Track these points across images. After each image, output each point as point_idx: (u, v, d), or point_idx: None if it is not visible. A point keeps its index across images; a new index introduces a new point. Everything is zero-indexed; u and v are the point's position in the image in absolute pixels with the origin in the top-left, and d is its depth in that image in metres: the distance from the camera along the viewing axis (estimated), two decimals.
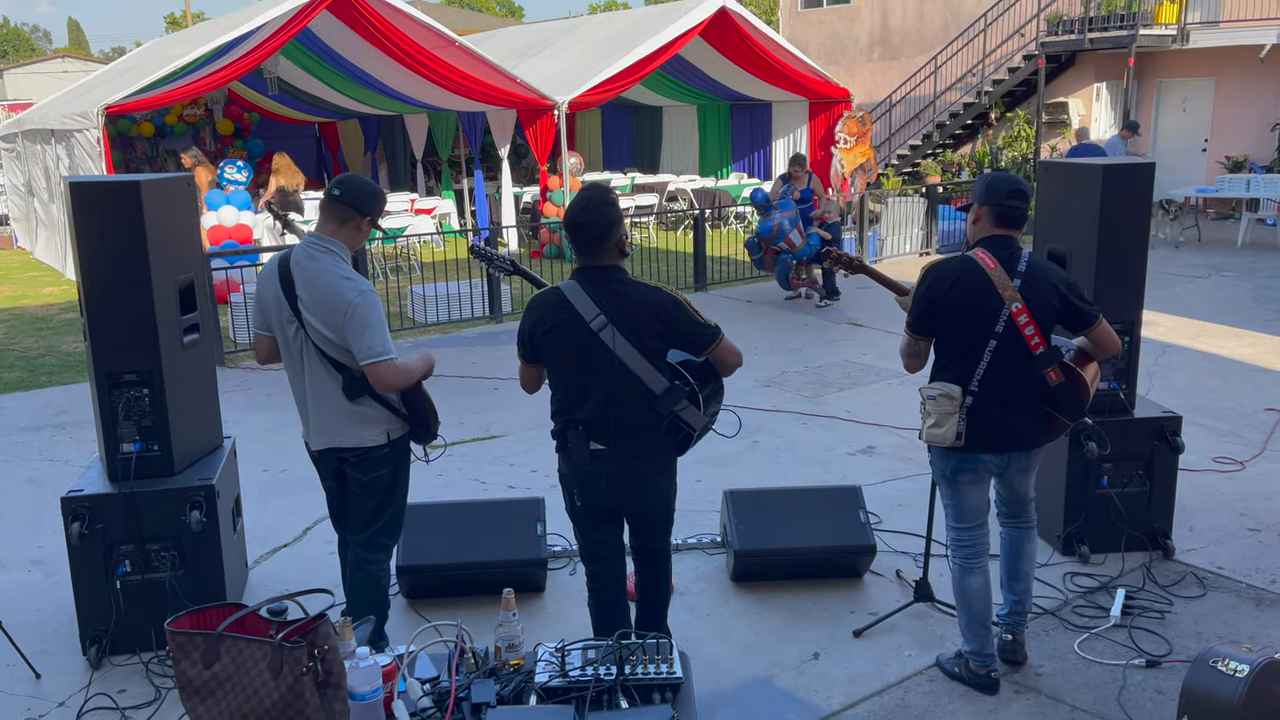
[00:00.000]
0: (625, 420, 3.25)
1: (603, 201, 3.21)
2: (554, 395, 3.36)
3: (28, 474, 6.28)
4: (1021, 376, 3.54)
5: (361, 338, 3.36)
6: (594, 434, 3.26)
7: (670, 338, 3.27)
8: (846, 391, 7.58)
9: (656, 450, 3.36)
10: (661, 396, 3.25)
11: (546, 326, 3.24)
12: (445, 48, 13.69)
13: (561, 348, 3.25)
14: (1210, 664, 2.91)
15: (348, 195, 3.46)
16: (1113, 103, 18.32)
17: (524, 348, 3.35)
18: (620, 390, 3.22)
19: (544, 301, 3.28)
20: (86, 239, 3.93)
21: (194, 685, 2.26)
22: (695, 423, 3.35)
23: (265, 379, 8.31)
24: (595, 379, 3.22)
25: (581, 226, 3.19)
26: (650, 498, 3.42)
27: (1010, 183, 3.54)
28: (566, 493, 3.45)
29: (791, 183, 10.32)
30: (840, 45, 22.24)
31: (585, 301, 3.18)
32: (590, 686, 2.49)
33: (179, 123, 19.16)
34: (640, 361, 3.21)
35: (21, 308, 11.86)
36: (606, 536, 3.49)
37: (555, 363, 3.30)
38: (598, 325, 3.17)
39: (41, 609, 4.49)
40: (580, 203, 3.21)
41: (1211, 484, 5.60)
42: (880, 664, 3.93)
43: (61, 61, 44.63)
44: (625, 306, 3.20)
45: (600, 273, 3.23)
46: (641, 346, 3.20)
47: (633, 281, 3.27)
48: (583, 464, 3.29)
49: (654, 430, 3.30)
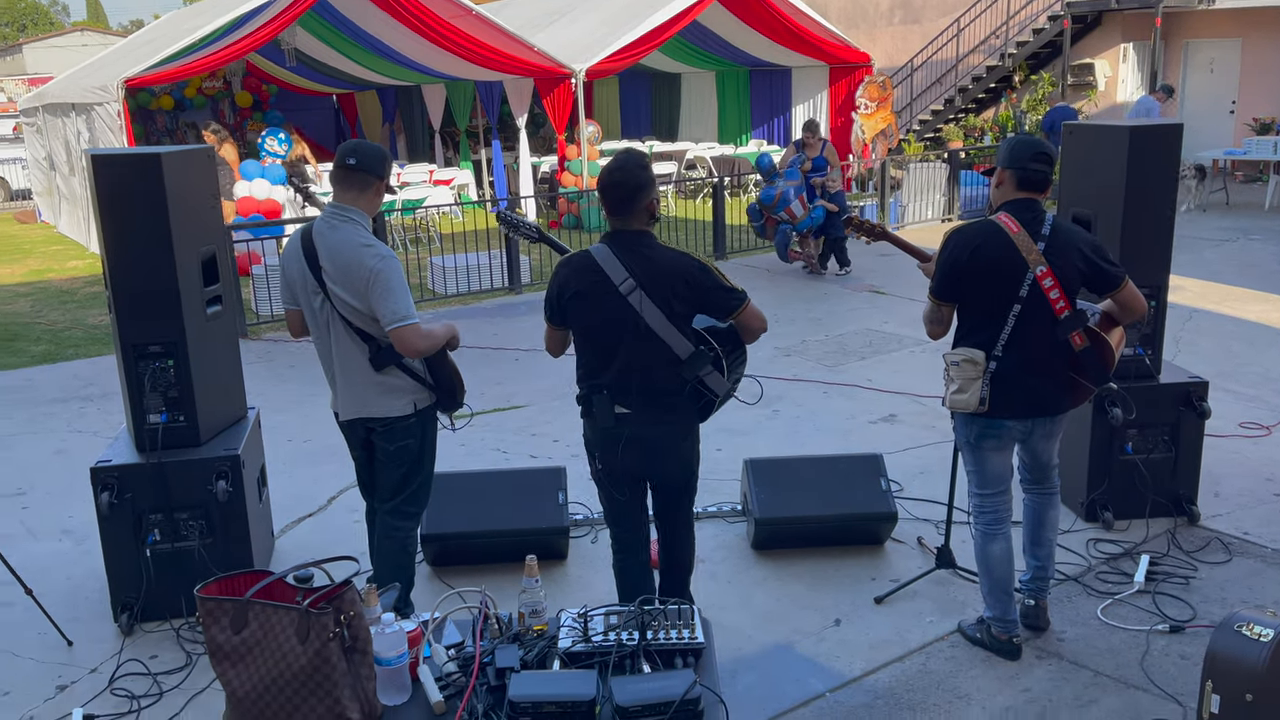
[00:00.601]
0: (650, 384, 3.27)
1: (636, 164, 3.24)
2: (579, 359, 3.38)
3: (56, 445, 6.37)
4: (1046, 341, 3.51)
5: (385, 302, 3.38)
6: (618, 398, 3.29)
7: (697, 302, 3.27)
8: (868, 360, 7.54)
9: (680, 415, 3.36)
10: (687, 361, 3.27)
11: (575, 289, 3.27)
12: (462, 17, 13.61)
13: (589, 310, 3.27)
14: (1235, 629, 2.90)
15: (363, 162, 3.47)
16: (1140, 64, 18.01)
17: (551, 310, 3.37)
18: (646, 354, 3.24)
19: (573, 264, 3.30)
20: (109, 212, 3.95)
21: (224, 650, 2.30)
22: (718, 389, 3.36)
23: (288, 350, 8.37)
24: (621, 342, 3.24)
25: (614, 186, 3.22)
26: (672, 463, 3.44)
27: (1034, 146, 3.50)
28: (590, 456, 3.47)
29: (804, 151, 10.08)
30: (861, 9, 21.92)
31: (614, 265, 3.20)
32: (613, 651, 2.51)
33: (198, 95, 19.18)
34: (666, 326, 3.22)
35: (47, 281, 11.97)
36: (630, 500, 3.50)
37: (582, 326, 3.33)
38: (626, 289, 3.19)
39: (72, 577, 4.57)
40: (614, 164, 3.24)
41: (1238, 449, 5.55)
42: (901, 630, 3.94)
43: (81, 35, 44.73)
44: (654, 270, 3.21)
45: (630, 237, 3.25)
46: (668, 311, 3.22)
47: (661, 246, 3.28)
48: (607, 428, 3.31)
49: (678, 395, 3.31)
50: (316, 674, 2.24)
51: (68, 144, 14.24)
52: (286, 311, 3.71)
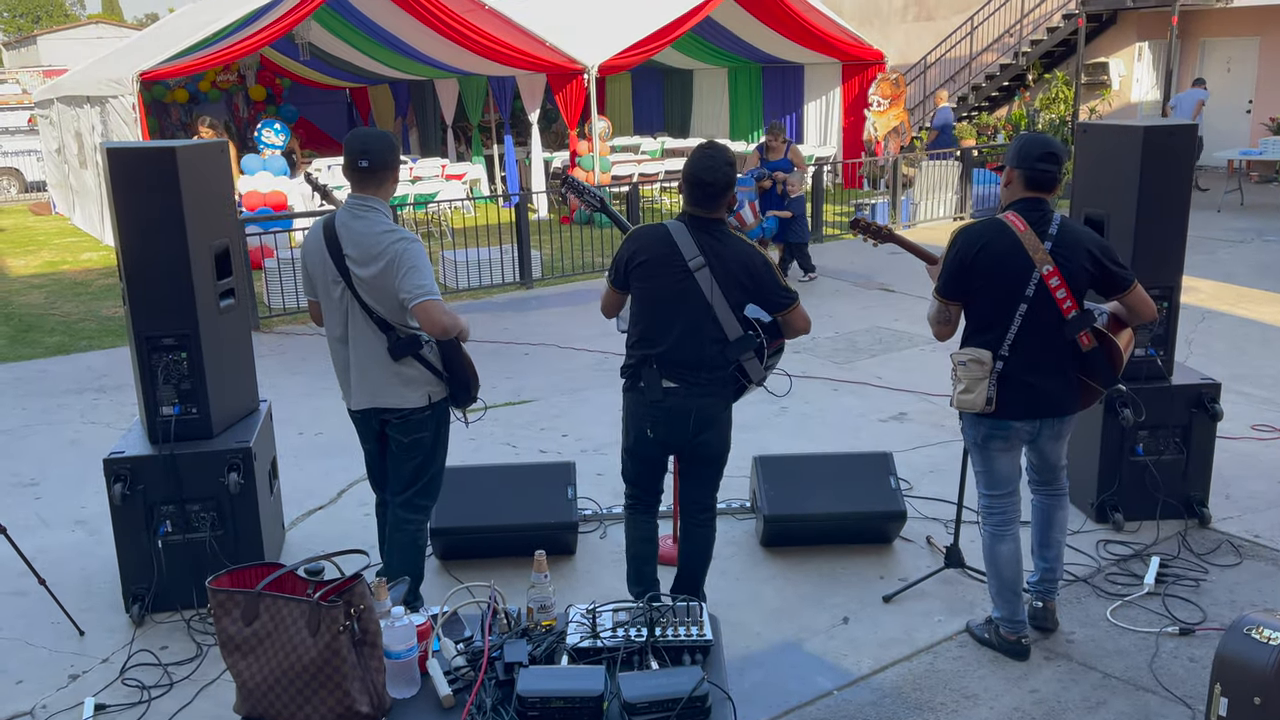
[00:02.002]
0: (698, 359, 3.44)
1: (725, 161, 3.42)
2: (634, 328, 3.53)
3: (70, 436, 6.41)
4: (1053, 341, 3.50)
5: (410, 278, 3.44)
6: (667, 371, 3.45)
7: (754, 292, 3.48)
8: (878, 357, 7.53)
9: (722, 391, 3.54)
10: (734, 343, 3.47)
11: (645, 257, 3.45)
12: (475, 11, 13.62)
13: (654, 279, 3.44)
14: (1244, 632, 2.89)
15: (377, 160, 3.51)
16: (1155, 63, 17.90)
17: (616, 273, 3.56)
18: (701, 329, 3.43)
19: (648, 234, 3.50)
20: (124, 205, 3.97)
21: (234, 642, 2.32)
22: (755, 375, 3.59)
23: (300, 344, 8.40)
24: (678, 315, 3.42)
25: (705, 185, 3.41)
26: (713, 433, 3.56)
27: (1043, 145, 3.48)
28: (632, 429, 3.59)
29: (767, 154, 9.60)
30: (874, 6, 21.85)
31: (688, 241, 3.40)
32: (621, 648, 2.52)
33: (212, 89, 19.26)
34: (724, 306, 3.42)
35: (61, 273, 12.04)
36: (657, 476, 3.71)
37: (644, 293, 3.48)
38: (695, 265, 3.38)
39: (85, 568, 4.60)
40: (705, 161, 3.41)
41: (1250, 452, 5.53)
42: (910, 629, 3.94)
43: (96, 28, 44.88)
44: (723, 254, 3.42)
45: (707, 222, 3.45)
46: (728, 294, 3.42)
47: (733, 235, 3.48)
48: (656, 400, 3.46)
49: (722, 371, 3.51)
50: (326, 666, 2.25)
51: (80, 136, 14.30)
52: (309, 302, 3.77)
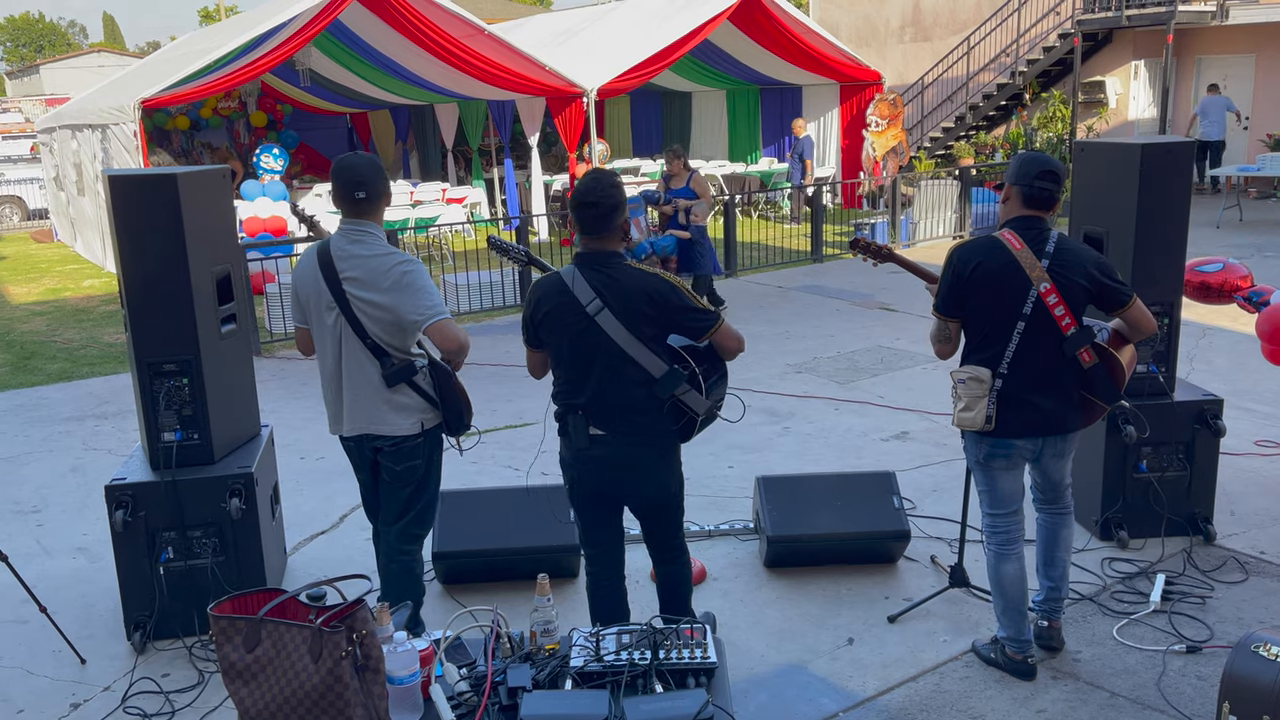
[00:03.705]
0: (624, 405, 3.28)
1: (609, 184, 3.26)
2: (555, 380, 3.42)
3: (71, 463, 6.40)
4: (1053, 359, 3.50)
5: (419, 300, 3.44)
6: (593, 419, 3.30)
7: (665, 323, 3.28)
8: (879, 377, 7.53)
9: (656, 436, 3.35)
10: (661, 381, 3.26)
11: (545, 309, 3.30)
12: (475, 36, 13.72)
13: (560, 331, 3.29)
14: (1251, 649, 2.88)
15: (373, 191, 3.52)
16: (1151, 81, 17.99)
17: (527, 332, 3.42)
18: (618, 374, 3.25)
19: (544, 285, 3.34)
20: (125, 232, 3.99)
21: (236, 669, 2.30)
22: (698, 407, 3.34)
23: (301, 369, 8.40)
24: (593, 363, 3.26)
25: (589, 206, 3.23)
26: (649, 486, 3.42)
27: (1041, 164, 3.50)
28: (566, 477, 3.49)
29: (669, 181, 8.98)
30: (871, 27, 22.00)
31: (582, 285, 3.23)
32: (625, 671, 2.50)
33: (214, 116, 19.38)
34: (636, 345, 3.23)
35: (63, 300, 12.06)
36: (604, 522, 3.52)
37: (555, 346, 3.35)
38: (594, 309, 3.21)
39: (86, 595, 4.59)
40: (587, 183, 3.27)
41: (1254, 468, 5.51)
42: (915, 649, 3.92)
43: (98, 56, 45.24)
44: (620, 290, 3.23)
45: (599, 258, 3.28)
46: (636, 331, 3.23)
47: (630, 267, 3.29)
48: (581, 449, 3.33)
49: (654, 414, 3.31)
50: (329, 693, 2.24)
51: (79, 165, 14.37)
52: (298, 330, 3.73)
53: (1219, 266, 5.05)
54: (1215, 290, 5.06)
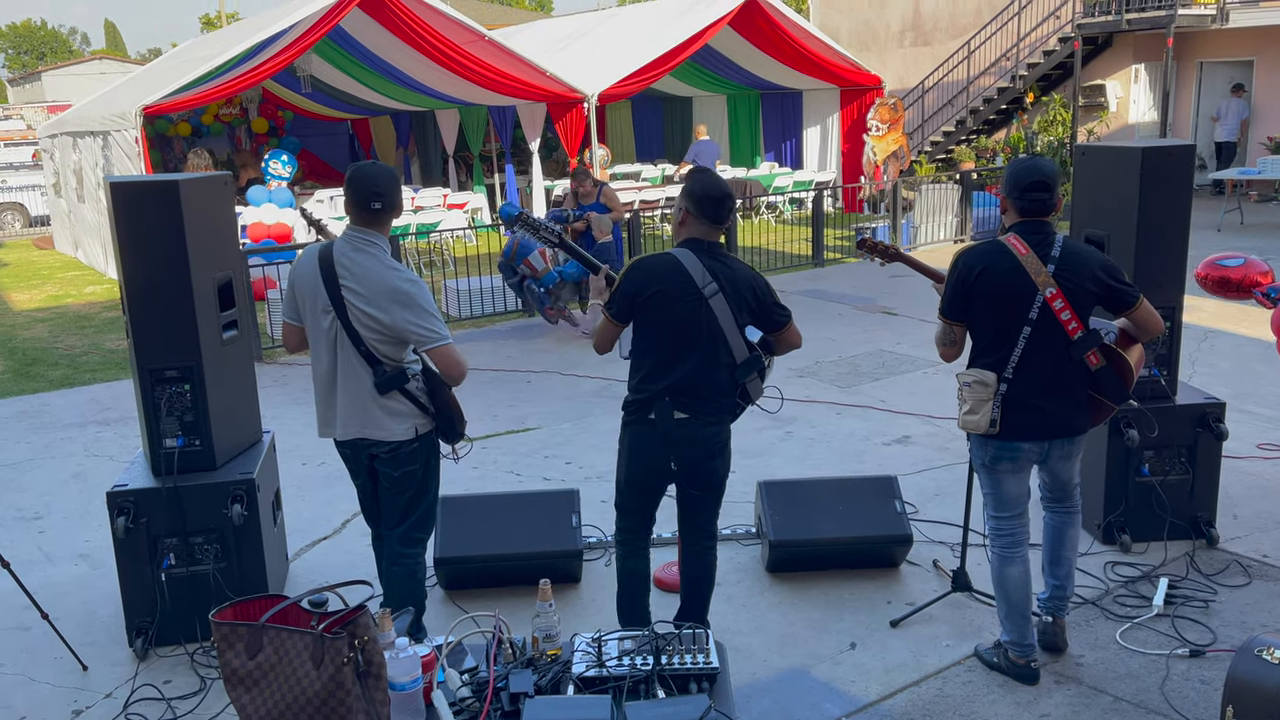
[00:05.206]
0: (711, 386, 3.45)
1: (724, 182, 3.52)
2: (642, 362, 3.49)
3: (73, 469, 6.40)
4: (1060, 363, 3.50)
5: (421, 323, 3.44)
6: (679, 402, 3.43)
7: (757, 313, 3.51)
8: (881, 381, 7.53)
9: (727, 416, 3.55)
10: (742, 365, 3.49)
11: (656, 288, 3.41)
12: (476, 42, 13.74)
13: (668, 309, 3.41)
14: (1255, 653, 2.87)
15: (389, 203, 3.51)
16: (1151, 84, 18.00)
17: (618, 306, 3.50)
18: (716, 356, 3.43)
19: (656, 264, 3.47)
20: (127, 238, 3.99)
21: (238, 675, 2.30)
22: (755, 394, 3.58)
23: (302, 374, 8.40)
24: (696, 343, 3.41)
25: (726, 198, 3.46)
26: (720, 461, 3.57)
27: (1031, 174, 3.48)
28: (639, 460, 3.55)
29: (577, 198, 8.70)
30: (871, 32, 22.03)
31: (699, 268, 3.41)
32: (627, 677, 2.50)
33: (215, 122, 19.41)
34: (734, 330, 3.44)
35: (65, 306, 12.08)
36: (657, 500, 3.69)
37: (656, 325, 3.44)
38: (709, 291, 3.39)
39: (88, 601, 4.58)
40: (709, 178, 3.50)
41: (1257, 471, 5.51)
42: (918, 654, 3.91)
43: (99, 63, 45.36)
44: (732, 277, 3.44)
45: (709, 245, 3.48)
46: (738, 316, 3.44)
47: (735, 258, 3.53)
48: (668, 432, 3.43)
49: (730, 397, 3.52)
50: (331, 699, 2.23)
51: (80, 171, 14.38)
52: (285, 325, 3.69)
53: (1240, 261, 5.06)
54: (1235, 285, 5.06)
